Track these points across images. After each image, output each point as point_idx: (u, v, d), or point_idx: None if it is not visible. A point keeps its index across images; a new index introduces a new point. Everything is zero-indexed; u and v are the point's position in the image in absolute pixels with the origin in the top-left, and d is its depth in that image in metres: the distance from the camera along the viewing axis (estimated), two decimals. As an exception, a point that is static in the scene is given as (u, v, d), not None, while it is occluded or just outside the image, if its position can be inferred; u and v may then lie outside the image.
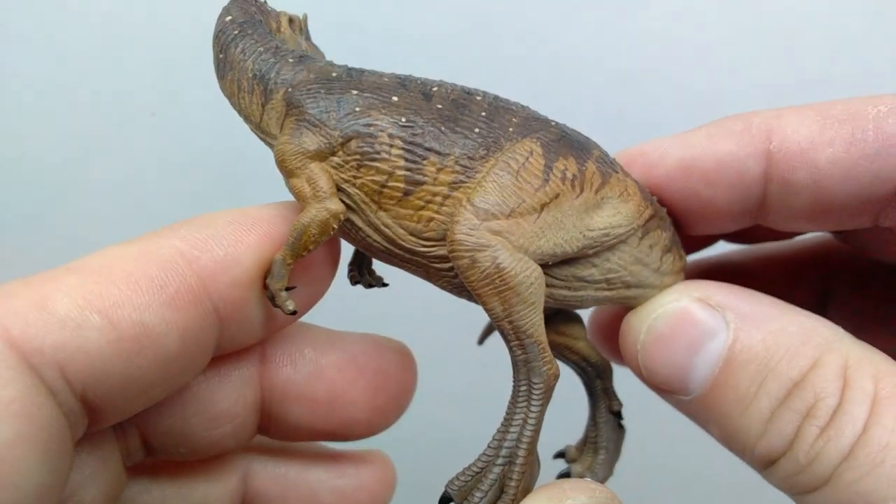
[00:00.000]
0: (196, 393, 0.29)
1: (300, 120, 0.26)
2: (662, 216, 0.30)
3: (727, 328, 0.26)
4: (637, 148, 0.30)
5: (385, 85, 0.27)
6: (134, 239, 0.26)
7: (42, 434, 0.21)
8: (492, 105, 0.27)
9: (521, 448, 0.26)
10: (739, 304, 0.27)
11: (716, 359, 0.26)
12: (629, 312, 0.30)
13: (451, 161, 0.26)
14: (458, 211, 0.25)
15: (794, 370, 0.25)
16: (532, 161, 0.26)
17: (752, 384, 0.25)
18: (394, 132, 0.26)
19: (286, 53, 0.28)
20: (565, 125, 0.29)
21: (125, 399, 0.24)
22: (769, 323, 0.26)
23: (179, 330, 0.24)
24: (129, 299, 0.23)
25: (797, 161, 0.27)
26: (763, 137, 0.28)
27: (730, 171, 0.28)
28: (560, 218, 0.27)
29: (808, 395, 0.24)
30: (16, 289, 0.23)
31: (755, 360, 0.26)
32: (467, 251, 0.25)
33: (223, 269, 0.25)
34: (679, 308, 0.28)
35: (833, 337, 0.26)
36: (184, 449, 0.29)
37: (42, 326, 0.22)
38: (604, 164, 0.28)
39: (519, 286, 0.25)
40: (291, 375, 0.30)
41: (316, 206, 0.25)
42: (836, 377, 0.24)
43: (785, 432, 0.25)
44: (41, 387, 0.22)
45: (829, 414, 0.24)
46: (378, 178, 0.26)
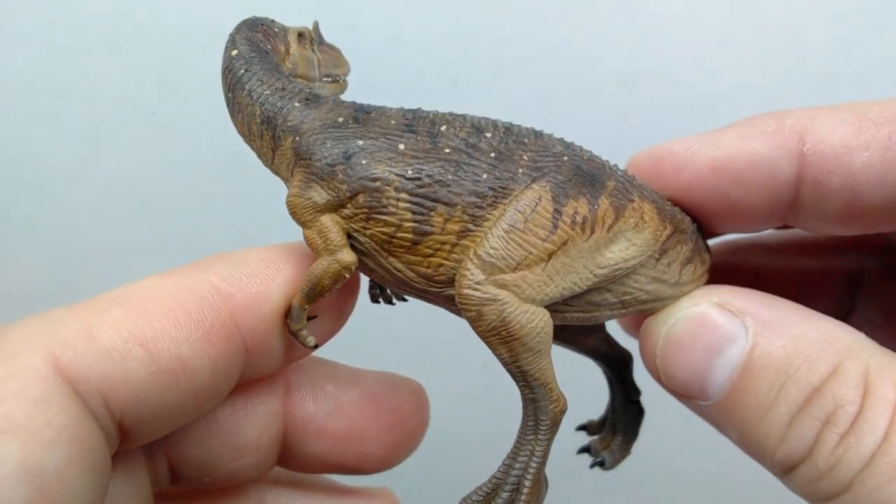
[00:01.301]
0: (223, 425, 0.30)
1: (309, 173, 0.27)
2: (683, 228, 0.29)
3: (746, 333, 0.26)
4: (665, 147, 0.30)
5: (392, 130, 0.27)
6: (172, 271, 0.27)
7: (89, 457, 0.23)
8: (502, 142, 0.27)
9: (527, 478, 0.27)
10: (759, 309, 0.27)
11: (734, 364, 0.26)
12: (648, 317, 0.30)
13: (459, 211, 0.26)
14: (465, 262, 0.26)
15: (814, 376, 0.25)
16: (540, 209, 0.26)
17: (771, 390, 0.25)
18: (400, 185, 0.26)
19: (293, 95, 0.28)
20: (579, 152, 0.28)
21: (156, 423, 0.26)
22: (789, 328, 0.26)
23: (212, 363, 0.26)
24: (168, 333, 0.25)
25: (831, 164, 0.27)
26: (796, 139, 0.27)
27: (761, 173, 0.28)
28: (569, 262, 0.26)
29: (828, 401, 0.24)
30: (63, 317, 0.24)
31: (775, 365, 0.25)
32: (474, 305, 0.26)
33: (254, 306, 0.27)
34: (698, 313, 0.28)
35: (854, 343, 0.25)
36: (208, 478, 0.31)
37: (90, 357, 0.23)
38: (619, 195, 0.27)
39: (525, 337, 0.26)
40: (313, 411, 0.32)
41: (328, 258, 0.26)
42: (857, 384, 0.24)
43: (805, 439, 0.24)
44: (88, 413, 0.23)
45: (850, 421, 0.24)
46: (387, 229, 0.26)
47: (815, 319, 0.26)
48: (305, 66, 0.30)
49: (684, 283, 0.29)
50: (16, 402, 0.22)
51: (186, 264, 0.28)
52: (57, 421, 0.22)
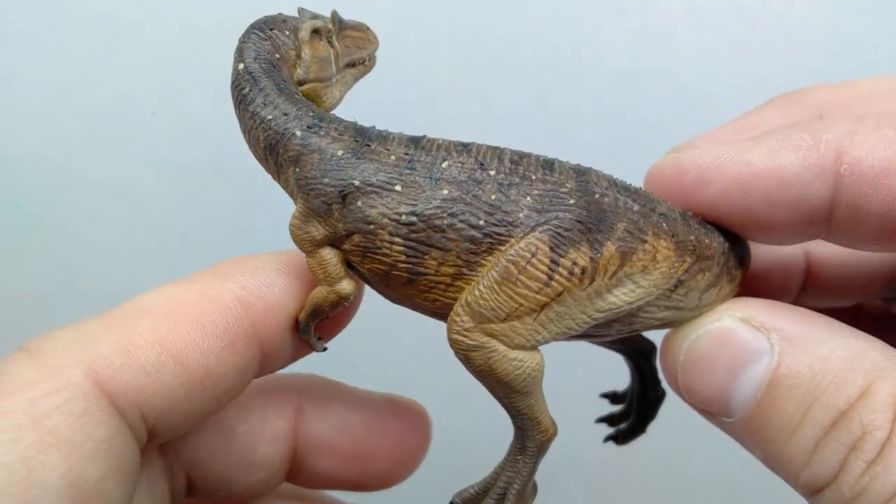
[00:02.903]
0: (240, 443, 0.32)
1: (307, 207, 0.26)
2: (709, 255, 0.28)
3: (772, 350, 0.25)
4: (691, 158, 0.27)
5: (391, 168, 0.26)
6: (192, 278, 0.28)
7: (125, 468, 0.24)
8: (506, 179, 0.26)
9: (511, 492, 0.28)
10: (785, 324, 0.25)
11: (759, 382, 0.25)
12: (669, 332, 0.29)
13: (453, 256, 0.25)
14: (456, 307, 0.26)
15: (841, 399, 0.24)
16: (535, 261, 0.25)
17: (797, 411, 0.24)
18: (394, 230, 0.25)
19: (294, 122, 0.27)
20: (592, 186, 0.26)
21: (181, 427, 0.27)
22: (817, 346, 0.25)
23: (235, 370, 0.27)
24: (196, 344, 0.26)
25: (869, 187, 0.25)
26: (833, 157, 0.25)
27: (792, 193, 0.26)
28: (563, 311, 0.26)
29: (855, 426, 0.23)
30: (97, 330, 0.26)
31: (801, 385, 0.24)
32: (462, 350, 0.26)
33: (273, 315, 0.28)
34: (720, 328, 0.26)
35: (885, 363, 0.24)
36: (223, 492, 0.32)
37: (127, 372, 0.25)
38: (629, 237, 0.26)
39: (512, 382, 0.26)
40: (322, 430, 0.33)
41: (326, 288, 0.27)
42: (886, 408, 0.23)
43: (830, 464, 0.23)
44: (125, 425, 0.25)
45: (878, 448, 0.23)
46: (382, 266, 0.26)
47: (845, 336, 0.25)
48: (319, 69, 0.29)
49: (707, 304, 0.28)
50: (60, 417, 0.23)
51: (204, 271, 0.28)
52: (97, 434, 0.23)
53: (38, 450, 0.22)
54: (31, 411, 0.23)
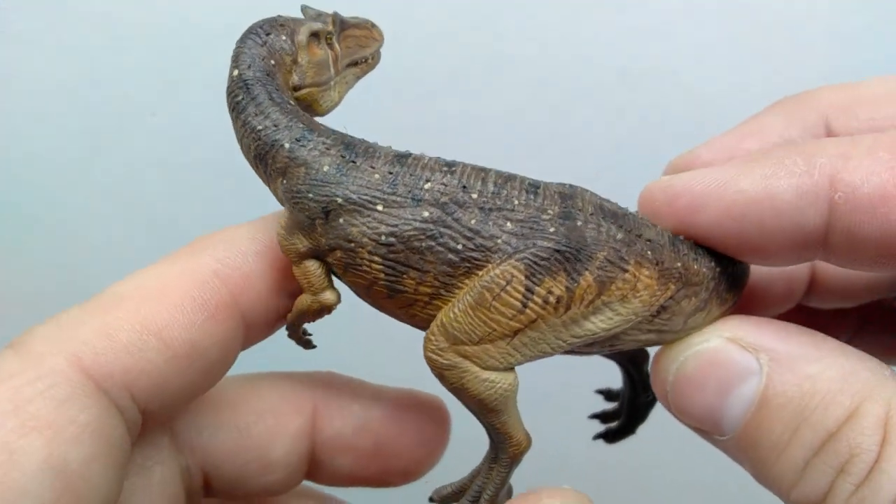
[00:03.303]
0: (256, 442, 0.32)
1: (293, 220, 0.27)
2: (696, 281, 0.27)
3: (760, 371, 0.25)
4: (682, 183, 0.27)
5: (373, 187, 0.26)
6: (167, 258, 0.28)
7: (111, 452, 0.24)
8: (488, 203, 0.26)
9: (484, 497, 0.29)
10: (774, 343, 0.25)
11: (748, 402, 0.25)
12: (660, 350, 0.29)
13: (431, 277, 0.26)
14: (432, 326, 0.26)
15: (830, 420, 0.23)
16: (510, 289, 0.25)
17: (785, 431, 0.24)
18: (373, 249, 0.26)
19: (283, 134, 0.27)
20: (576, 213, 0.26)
21: (174, 404, 0.28)
22: (806, 365, 0.24)
23: (220, 341, 0.27)
24: (178, 320, 0.26)
25: (865, 215, 0.24)
26: (827, 184, 0.25)
27: (786, 221, 0.25)
28: (537, 336, 0.26)
29: (842, 448, 0.23)
30: (78, 317, 0.26)
31: (789, 406, 0.24)
32: (436, 368, 0.26)
33: (251, 284, 0.28)
34: (709, 349, 0.26)
35: (875, 383, 0.24)
36: (240, 492, 0.32)
37: (110, 354, 0.25)
38: (609, 267, 0.26)
39: (485, 401, 0.26)
40: (341, 429, 0.33)
41: (310, 297, 0.28)
42: (875, 430, 0.23)
43: (819, 485, 0.23)
44: (112, 409, 0.25)
45: (865, 471, 0.23)
46: (362, 282, 0.26)
47: (835, 355, 0.25)
48: (315, 74, 0.29)
49: (694, 327, 0.28)
50: (42, 402, 0.23)
51: (178, 250, 0.29)
52: (81, 418, 0.23)
53: (20, 434, 0.22)
54: (13, 399, 0.23)
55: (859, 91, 0.30)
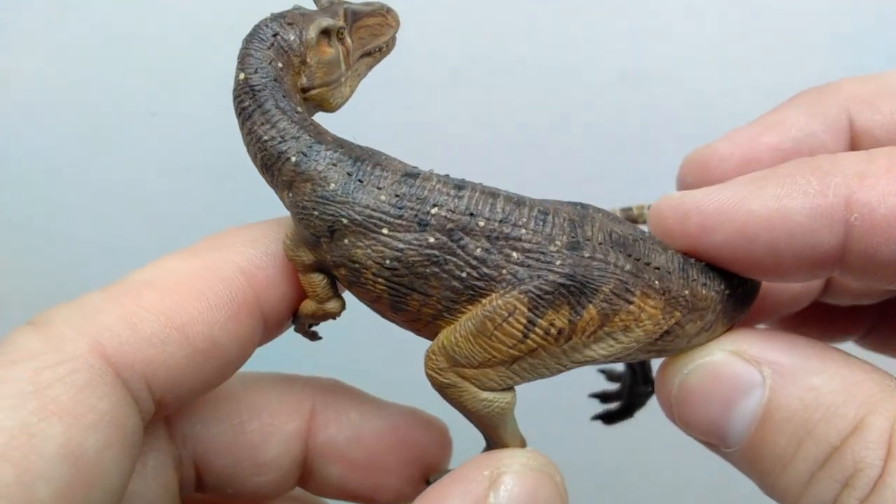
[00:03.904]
0: (250, 440, 0.32)
1: (300, 235, 0.27)
2: (703, 306, 0.27)
3: (763, 384, 0.25)
4: (693, 202, 0.26)
5: (379, 209, 0.25)
6: (192, 250, 0.28)
7: (126, 440, 0.24)
8: (494, 231, 0.25)
9: None
10: (777, 356, 0.25)
11: (751, 416, 0.25)
12: (664, 362, 0.28)
13: (434, 301, 0.26)
14: (432, 345, 0.26)
15: (833, 434, 0.23)
16: (512, 320, 0.25)
17: (789, 445, 0.24)
18: (377, 272, 0.26)
19: (289, 146, 0.27)
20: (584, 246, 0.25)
21: (188, 397, 0.28)
22: (809, 378, 0.24)
23: (240, 340, 0.27)
24: (201, 316, 0.26)
25: (881, 238, 0.24)
26: (842, 206, 0.24)
27: (799, 242, 0.24)
28: (537, 363, 0.26)
29: (847, 462, 0.23)
30: (101, 303, 0.26)
31: (792, 419, 0.24)
32: (435, 385, 0.27)
33: (275, 284, 0.28)
34: (712, 363, 0.26)
35: (880, 395, 0.23)
36: (231, 490, 0.32)
37: (133, 344, 0.25)
38: (613, 299, 0.25)
39: (483, 418, 0.27)
40: (335, 436, 0.32)
41: (315, 304, 0.28)
42: (879, 443, 0.22)
43: (823, 499, 0.23)
44: (129, 398, 0.25)
45: (870, 486, 0.22)
46: (367, 296, 0.27)
47: (839, 366, 0.24)
48: (325, 73, 0.29)
49: (696, 345, 0.28)
50: (63, 388, 0.23)
51: (205, 241, 0.29)
52: (100, 406, 0.23)
53: (40, 417, 0.22)
54: (35, 380, 0.23)
55: (882, 83, 0.30)
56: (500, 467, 0.25)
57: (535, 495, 0.25)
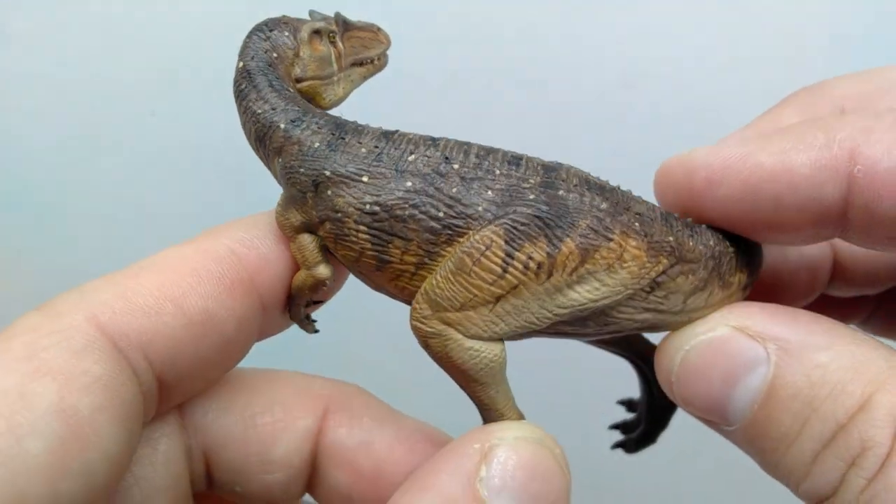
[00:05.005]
0: (260, 434, 0.31)
1: (288, 195, 0.28)
2: (693, 258, 0.27)
3: (768, 360, 0.24)
4: (701, 157, 0.26)
5: (360, 160, 0.27)
6: (191, 240, 0.29)
7: (122, 407, 0.25)
8: (469, 173, 0.26)
9: None
10: (783, 332, 0.24)
11: (755, 393, 0.24)
12: (665, 338, 0.28)
13: (415, 245, 0.26)
14: (417, 295, 0.26)
15: (840, 412, 0.23)
16: (490, 254, 0.25)
17: (794, 423, 0.23)
18: (358, 219, 0.26)
19: (280, 116, 0.29)
20: (558, 185, 0.26)
21: (190, 376, 0.28)
22: (815, 354, 0.24)
23: (236, 316, 0.28)
24: (195, 290, 0.27)
25: (885, 190, 0.23)
26: (846, 158, 0.24)
27: (804, 196, 0.24)
28: (521, 304, 0.26)
29: (853, 441, 0.22)
30: (100, 285, 0.27)
31: (798, 396, 0.23)
32: (421, 337, 0.26)
33: (267, 265, 0.29)
34: (714, 339, 0.25)
35: (889, 372, 0.23)
36: (239, 487, 0.32)
37: (127, 314, 0.26)
38: (591, 235, 0.26)
39: (469, 371, 0.26)
40: (344, 439, 0.32)
41: (305, 272, 0.29)
42: (887, 422, 0.22)
43: (830, 479, 0.23)
44: (126, 367, 0.25)
45: (878, 465, 0.22)
46: (351, 253, 0.27)
47: (846, 343, 0.24)
48: (317, 67, 0.31)
49: (695, 310, 0.27)
50: (57, 352, 0.24)
51: (201, 232, 0.29)
52: (93, 370, 0.24)
53: (32, 378, 0.23)
54: (29, 347, 0.24)
55: (876, 80, 0.30)
56: (493, 440, 0.25)
57: (531, 469, 0.24)
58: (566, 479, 0.25)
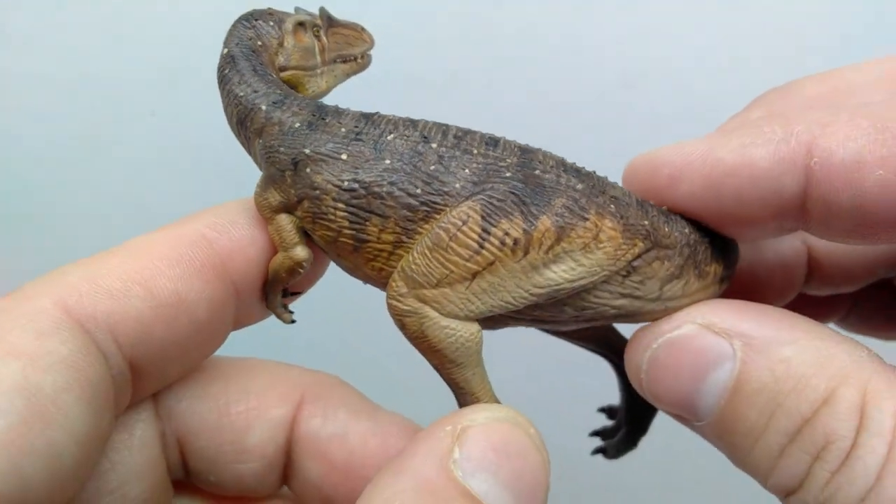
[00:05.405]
0: (234, 423, 0.31)
1: (267, 175, 0.28)
2: (668, 243, 0.27)
3: (734, 356, 0.24)
4: (664, 155, 0.27)
5: (340, 139, 0.27)
6: (163, 227, 0.29)
7: (89, 387, 0.24)
8: (447, 152, 0.26)
9: None
10: (748, 328, 0.25)
11: (722, 389, 0.25)
12: (633, 334, 0.28)
13: (392, 223, 0.26)
14: (394, 273, 0.26)
15: (804, 406, 0.23)
16: (466, 229, 0.25)
17: (760, 417, 0.24)
18: (336, 196, 0.27)
19: (262, 98, 0.29)
20: (535, 164, 0.27)
21: (163, 362, 0.28)
22: (780, 349, 0.24)
23: (207, 300, 0.28)
24: (163, 272, 0.27)
25: (840, 182, 0.24)
26: (804, 151, 0.24)
27: (763, 189, 0.25)
28: (497, 282, 0.26)
29: (818, 435, 0.23)
30: (68, 269, 0.27)
31: (763, 391, 0.24)
32: (397, 315, 0.26)
33: (240, 249, 0.29)
34: (681, 336, 0.26)
35: (852, 366, 0.23)
36: (213, 477, 0.31)
37: (93, 297, 0.26)
38: (567, 214, 0.26)
39: (445, 350, 0.26)
40: (317, 430, 0.31)
41: (282, 254, 0.28)
42: (850, 415, 0.22)
43: (795, 472, 0.23)
44: (93, 348, 0.25)
45: (841, 458, 0.22)
46: (329, 233, 0.27)
47: (811, 338, 0.24)
48: (300, 58, 0.31)
49: (672, 299, 0.27)
50: (22, 333, 0.24)
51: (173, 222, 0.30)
52: (58, 350, 0.24)
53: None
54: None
55: (842, 80, 0.30)
56: (464, 422, 0.25)
57: (503, 447, 0.24)
58: (542, 457, 0.25)
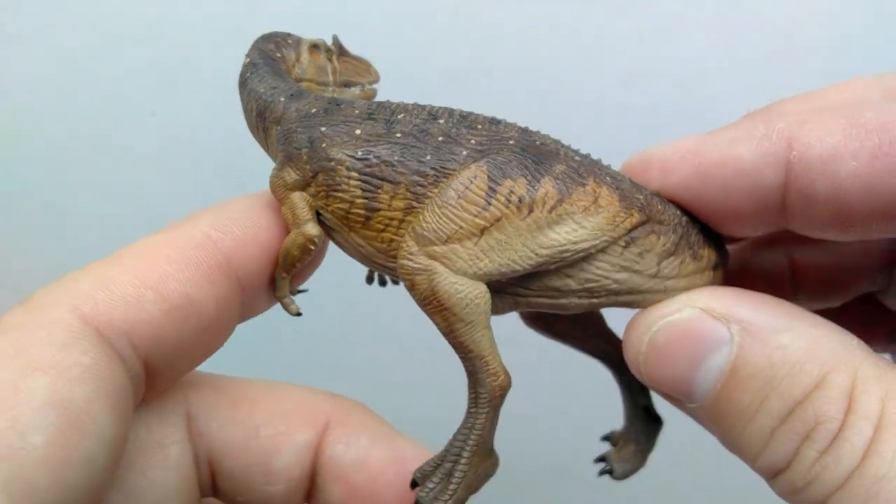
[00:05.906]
0: (263, 445, 0.32)
1: (285, 156, 0.30)
2: (663, 220, 0.28)
3: (731, 341, 0.25)
4: (657, 150, 0.29)
5: (353, 118, 0.29)
6: (167, 227, 0.30)
7: (113, 394, 0.25)
8: (453, 127, 0.29)
9: (465, 450, 0.28)
10: (746, 313, 0.26)
11: (718, 373, 0.25)
12: (633, 317, 0.29)
13: (403, 188, 0.28)
14: (405, 235, 0.27)
15: (797, 389, 0.24)
16: (474, 187, 0.27)
17: (753, 401, 0.25)
18: (350, 165, 0.28)
19: (281, 92, 0.31)
20: (534, 137, 0.29)
21: (174, 361, 0.29)
22: (776, 336, 0.25)
23: (215, 299, 0.29)
24: (173, 275, 0.28)
25: (816, 173, 0.25)
26: (784, 145, 0.26)
27: (746, 181, 0.27)
28: (504, 239, 0.27)
29: (808, 416, 0.24)
30: (78, 276, 0.27)
31: (758, 375, 0.25)
32: (407, 274, 0.27)
33: (243, 247, 0.30)
34: (680, 320, 0.27)
35: (843, 352, 0.25)
36: (241, 497, 0.32)
37: (109, 304, 0.26)
38: (567, 179, 0.27)
39: (454, 307, 0.27)
40: (342, 455, 0.32)
41: (295, 231, 0.29)
42: (840, 398, 0.24)
43: (784, 452, 0.24)
44: (113, 355, 0.26)
45: (829, 439, 0.23)
46: (342, 205, 0.28)
47: (806, 325, 0.25)
48: (315, 73, 0.34)
49: (669, 277, 0.28)
50: (44, 348, 0.24)
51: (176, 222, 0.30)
52: (82, 361, 0.25)
53: (24, 374, 0.23)
54: (15, 345, 0.24)
55: (823, 100, 0.31)
56: None
57: None
58: None
